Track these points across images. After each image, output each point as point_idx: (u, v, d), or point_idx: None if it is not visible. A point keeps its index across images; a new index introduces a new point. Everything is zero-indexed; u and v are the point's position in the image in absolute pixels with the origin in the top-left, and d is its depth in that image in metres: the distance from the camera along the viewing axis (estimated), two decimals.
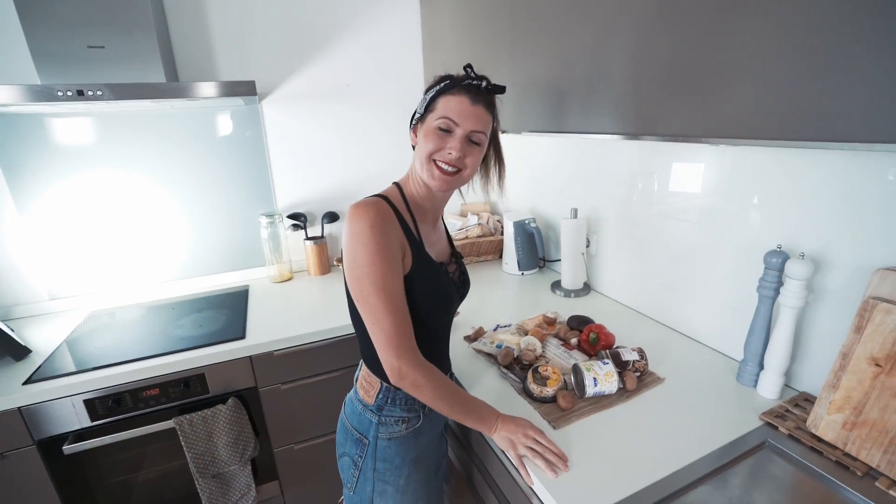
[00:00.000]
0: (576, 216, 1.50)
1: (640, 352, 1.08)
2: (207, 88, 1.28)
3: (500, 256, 1.92)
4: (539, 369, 1.03)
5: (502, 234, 1.89)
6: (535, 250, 1.73)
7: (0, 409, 1.13)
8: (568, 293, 1.56)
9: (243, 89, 1.30)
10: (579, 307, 1.46)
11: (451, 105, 0.82)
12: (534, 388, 1.01)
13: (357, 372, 0.99)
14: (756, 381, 1.02)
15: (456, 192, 0.94)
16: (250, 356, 1.33)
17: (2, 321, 1.36)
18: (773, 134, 0.68)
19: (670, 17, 0.81)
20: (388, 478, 0.92)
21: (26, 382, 1.18)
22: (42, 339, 1.43)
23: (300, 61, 1.74)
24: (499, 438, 0.85)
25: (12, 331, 1.34)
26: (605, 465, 0.82)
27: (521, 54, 1.24)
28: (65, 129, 1.52)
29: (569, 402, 0.97)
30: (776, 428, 0.89)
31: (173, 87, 1.28)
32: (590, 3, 0.98)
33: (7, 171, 1.49)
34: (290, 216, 1.83)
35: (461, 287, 1.00)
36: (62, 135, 1.52)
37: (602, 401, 1.00)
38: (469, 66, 0.87)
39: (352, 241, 0.80)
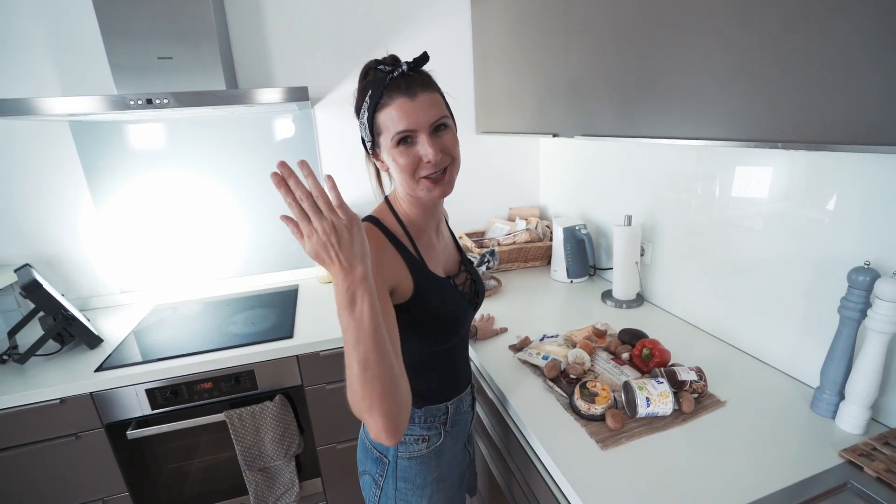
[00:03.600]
0: (629, 223, 1.42)
1: (699, 371, 1.00)
2: (261, 95, 1.33)
3: (549, 263, 1.86)
4: (587, 384, 0.98)
5: (551, 239, 1.83)
6: (586, 258, 1.66)
7: (75, 394, 1.23)
8: (619, 304, 1.48)
9: (296, 95, 1.34)
10: (632, 319, 1.38)
11: (393, 116, 0.72)
12: (581, 404, 0.96)
13: None
14: (835, 413, 0.91)
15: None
16: (297, 355, 1.37)
17: (80, 311, 1.48)
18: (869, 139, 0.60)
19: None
20: (410, 498, 0.89)
21: (98, 370, 1.28)
22: (112, 329, 1.54)
23: (351, 67, 1.78)
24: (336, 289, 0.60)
25: (88, 321, 1.46)
26: (658, 496, 0.76)
27: (575, 47, 1.16)
28: (138, 133, 1.64)
29: (618, 422, 0.91)
30: (861, 468, 0.79)
31: (230, 94, 1.33)
32: None
33: (88, 174, 1.62)
34: None
35: (473, 296, 0.93)
36: (136, 139, 1.64)
37: (655, 422, 0.93)
38: (376, 60, 0.75)
39: None
